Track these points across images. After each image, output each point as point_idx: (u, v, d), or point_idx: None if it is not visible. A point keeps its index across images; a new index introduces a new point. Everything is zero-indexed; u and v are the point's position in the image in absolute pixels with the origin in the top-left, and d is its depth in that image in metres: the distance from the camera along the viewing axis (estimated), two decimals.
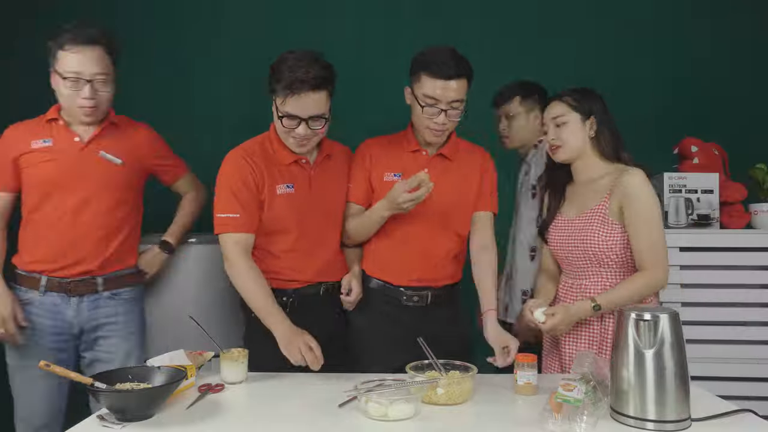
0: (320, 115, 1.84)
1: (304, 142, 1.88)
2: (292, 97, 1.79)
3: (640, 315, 1.39)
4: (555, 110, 1.93)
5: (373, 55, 2.95)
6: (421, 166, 2.00)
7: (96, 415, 1.43)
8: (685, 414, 1.37)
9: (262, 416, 1.49)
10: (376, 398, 1.43)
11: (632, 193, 1.78)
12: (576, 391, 1.38)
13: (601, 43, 2.96)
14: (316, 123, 1.84)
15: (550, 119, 1.94)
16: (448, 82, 1.89)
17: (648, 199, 1.79)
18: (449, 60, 1.90)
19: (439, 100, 1.90)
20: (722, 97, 2.93)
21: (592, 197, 1.88)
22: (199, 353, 1.77)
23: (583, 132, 1.89)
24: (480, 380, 1.69)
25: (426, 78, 1.91)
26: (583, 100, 1.91)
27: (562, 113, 1.91)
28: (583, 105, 1.90)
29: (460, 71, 1.90)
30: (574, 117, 1.90)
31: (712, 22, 2.98)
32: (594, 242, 1.82)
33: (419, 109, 1.93)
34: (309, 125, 1.83)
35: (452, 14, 2.98)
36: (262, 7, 3.02)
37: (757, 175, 2.51)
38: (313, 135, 1.87)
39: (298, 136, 1.85)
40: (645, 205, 1.78)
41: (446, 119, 1.93)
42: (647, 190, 1.80)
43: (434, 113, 1.92)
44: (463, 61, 1.93)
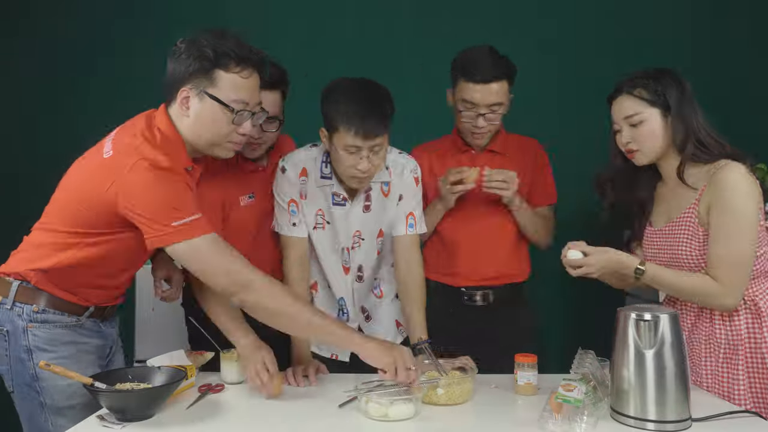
0: (273, 116, 1.76)
1: (255, 146, 1.82)
2: None
3: (640, 315, 1.39)
4: (627, 107, 1.60)
5: (372, 56, 2.94)
6: (471, 164, 2.02)
7: (96, 415, 1.43)
8: (686, 414, 1.36)
9: (262, 416, 1.49)
10: (376, 398, 1.43)
11: (722, 190, 1.49)
12: (576, 392, 1.38)
13: (600, 43, 2.96)
14: (268, 125, 1.76)
15: (622, 118, 1.62)
16: (486, 86, 1.86)
17: (740, 201, 1.48)
18: (486, 62, 1.86)
19: (477, 104, 1.89)
20: (722, 97, 2.93)
21: (684, 198, 1.60)
22: (199, 353, 1.77)
23: (665, 130, 1.58)
24: (480, 380, 1.69)
25: (463, 82, 1.90)
26: (660, 89, 1.56)
27: (635, 111, 1.58)
28: (661, 96, 1.56)
29: (498, 74, 1.87)
30: (652, 113, 1.58)
31: (712, 22, 2.98)
32: (684, 257, 1.58)
33: (459, 112, 1.93)
34: (254, 120, 1.66)
35: (452, 14, 2.98)
36: (262, 10, 3.02)
37: (757, 175, 2.51)
38: (263, 136, 1.80)
39: (245, 138, 1.69)
40: (733, 207, 1.48)
41: (485, 122, 1.92)
42: (743, 189, 1.49)
43: (473, 117, 1.92)
44: (502, 61, 1.89)
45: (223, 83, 1.51)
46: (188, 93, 1.52)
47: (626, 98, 1.60)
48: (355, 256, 1.92)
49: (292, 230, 1.86)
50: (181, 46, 1.54)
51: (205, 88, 1.51)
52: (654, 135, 1.58)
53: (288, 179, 1.84)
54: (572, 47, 2.94)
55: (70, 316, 1.58)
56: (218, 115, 1.53)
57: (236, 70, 1.52)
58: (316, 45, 2.99)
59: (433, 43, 2.96)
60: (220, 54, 1.50)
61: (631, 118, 1.59)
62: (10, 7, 2.98)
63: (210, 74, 1.51)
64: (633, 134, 1.60)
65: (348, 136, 1.66)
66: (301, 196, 1.86)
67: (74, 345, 1.57)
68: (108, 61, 2.97)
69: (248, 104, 1.55)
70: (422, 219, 1.95)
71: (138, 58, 2.97)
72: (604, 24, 2.98)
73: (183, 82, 1.52)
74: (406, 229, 1.90)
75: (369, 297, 2.00)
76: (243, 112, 1.54)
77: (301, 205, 1.86)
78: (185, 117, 1.54)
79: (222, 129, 1.54)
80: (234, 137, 1.57)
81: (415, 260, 1.90)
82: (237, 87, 1.52)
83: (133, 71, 2.94)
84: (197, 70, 1.51)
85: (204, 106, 1.52)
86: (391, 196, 1.90)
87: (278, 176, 1.86)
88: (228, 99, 1.52)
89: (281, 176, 1.85)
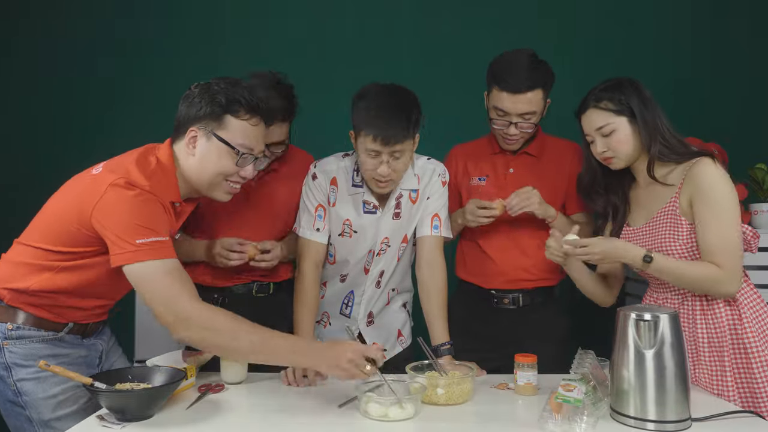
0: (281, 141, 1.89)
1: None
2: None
3: (640, 315, 1.39)
4: (596, 119, 1.70)
5: (373, 56, 2.95)
6: (505, 166, 2.02)
7: (96, 415, 1.43)
8: (685, 414, 1.36)
9: (262, 416, 1.49)
10: (376, 398, 1.43)
11: (702, 183, 1.58)
12: (576, 392, 1.38)
13: (600, 43, 2.96)
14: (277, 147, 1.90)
15: (594, 130, 1.71)
16: (518, 96, 1.85)
17: (722, 191, 1.57)
18: (521, 71, 1.84)
19: (509, 113, 1.88)
20: (722, 97, 2.94)
21: (660, 197, 1.69)
22: (199, 353, 1.76)
23: (634, 134, 1.67)
24: (480, 380, 1.70)
25: (496, 91, 1.88)
26: (623, 98, 1.67)
27: (605, 122, 1.68)
28: (626, 105, 1.67)
29: (532, 83, 1.85)
30: (620, 122, 1.67)
31: (712, 23, 2.98)
32: (671, 247, 1.63)
33: (491, 119, 1.94)
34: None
35: (452, 14, 2.98)
36: (263, 10, 3.02)
37: (757, 175, 2.51)
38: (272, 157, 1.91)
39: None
40: (716, 198, 1.56)
41: (517, 130, 1.91)
42: (722, 180, 1.58)
43: (504, 125, 1.91)
44: (539, 70, 1.87)
45: (232, 128, 1.57)
46: (197, 133, 1.56)
47: (594, 111, 1.70)
48: (380, 261, 1.94)
49: (315, 235, 1.88)
50: (195, 90, 1.58)
51: (214, 130, 1.56)
52: (626, 141, 1.68)
53: (319, 186, 1.89)
54: (572, 47, 2.94)
55: (47, 331, 1.56)
56: (224, 155, 1.57)
57: (245, 117, 1.58)
58: (316, 47, 3.00)
59: (434, 43, 2.97)
60: (232, 101, 1.56)
61: (602, 128, 1.68)
62: (10, 7, 2.98)
63: (220, 119, 1.56)
64: (607, 143, 1.69)
65: (368, 141, 1.70)
66: (329, 204, 1.89)
67: (53, 358, 1.53)
68: (108, 61, 2.97)
69: (253, 150, 1.61)
70: (448, 223, 1.96)
71: (138, 59, 2.98)
72: (604, 24, 2.98)
73: (193, 123, 1.57)
74: (431, 230, 1.91)
75: (378, 303, 2.00)
76: (247, 156, 1.59)
77: (328, 211, 1.89)
78: (191, 156, 1.58)
79: (225, 168, 1.58)
80: (234, 179, 1.62)
81: (438, 263, 1.90)
82: (245, 134, 1.58)
83: (133, 71, 2.95)
84: (208, 114, 1.56)
85: (210, 147, 1.57)
86: (419, 203, 1.92)
87: (308, 181, 1.91)
88: (235, 143, 1.57)
89: (311, 182, 1.90)
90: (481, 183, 2.04)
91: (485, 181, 2.05)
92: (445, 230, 1.94)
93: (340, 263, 1.95)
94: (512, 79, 1.84)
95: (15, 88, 2.98)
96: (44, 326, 1.56)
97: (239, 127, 1.57)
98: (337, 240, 1.92)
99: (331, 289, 2.00)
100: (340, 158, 1.92)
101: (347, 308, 1.98)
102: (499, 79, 1.86)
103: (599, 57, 2.91)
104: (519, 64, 1.85)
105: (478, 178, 2.06)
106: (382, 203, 1.89)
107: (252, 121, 1.59)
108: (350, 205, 1.89)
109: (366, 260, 1.94)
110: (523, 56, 1.88)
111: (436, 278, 1.89)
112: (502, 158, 2.06)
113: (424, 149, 1.93)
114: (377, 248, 1.92)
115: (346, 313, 1.98)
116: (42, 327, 1.56)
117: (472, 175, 2.07)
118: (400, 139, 1.70)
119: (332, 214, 1.90)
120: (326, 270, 1.99)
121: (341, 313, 1.99)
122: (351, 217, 1.89)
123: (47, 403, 1.53)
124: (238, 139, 1.57)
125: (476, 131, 2.18)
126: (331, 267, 1.97)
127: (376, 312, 2.01)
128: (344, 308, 1.98)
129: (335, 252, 1.94)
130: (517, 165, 2.03)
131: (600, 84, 1.73)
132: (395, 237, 1.93)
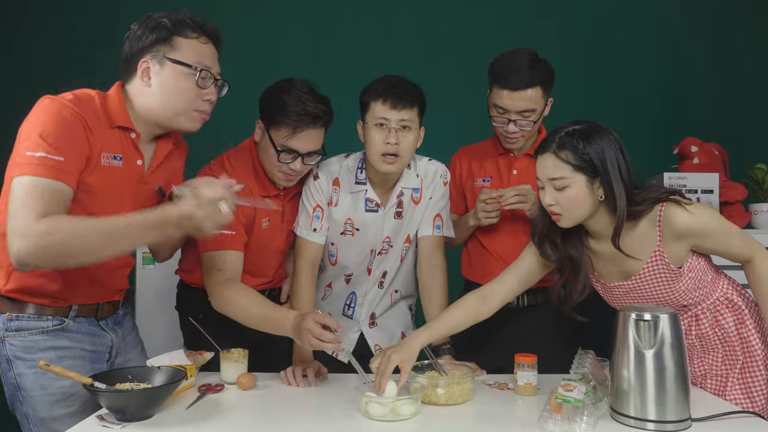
0: (317, 150, 1.79)
1: (293, 177, 1.81)
2: (300, 132, 1.71)
3: (640, 315, 1.39)
4: (550, 170, 1.50)
5: (373, 56, 2.95)
6: (509, 167, 2.03)
7: (96, 415, 1.43)
8: (685, 414, 1.36)
9: (262, 416, 1.49)
10: (376, 398, 1.43)
11: (694, 229, 1.48)
12: (576, 392, 1.37)
13: (600, 43, 2.96)
14: (311, 158, 1.79)
15: (546, 179, 1.52)
16: (516, 93, 1.85)
17: (711, 219, 1.51)
18: (520, 69, 1.85)
19: (508, 110, 1.89)
20: (722, 97, 2.94)
21: (633, 258, 1.53)
22: (199, 353, 1.77)
23: (591, 196, 1.49)
24: (480, 380, 1.69)
25: (496, 88, 1.90)
26: (586, 151, 1.46)
27: (561, 175, 1.48)
28: (588, 162, 1.46)
29: (531, 80, 1.85)
30: (577, 179, 1.48)
31: (712, 23, 2.98)
32: (674, 296, 1.57)
33: (491, 117, 1.94)
34: (304, 160, 1.77)
35: (452, 14, 2.98)
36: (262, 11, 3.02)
37: (757, 175, 2.51)
38: (304, 170, 1.81)
39: (291, 172, 1.78)
40: (714, 226, 1.51)
41: (516, 128, 1.91)
42: (701, 215, 1.49)
43: (504, 122, 1.92)
44: (538, 68, 1.87)
45: (183, 48, 1.50)
46: (149, 63, 1.50)
47: (551, 158, 1.50)
48: (382, 261, 1.95)
49: (311, 235, 1.88)
50: (134, 27, 1.53)
51: (165, 54, 1.49)
52: (577, 200, 1.49)
53: (319, 186, 1.88)
54: (572, 47, 2.94)
55: (51, 319, 1.51)
56: (182, 79, 1.50)
57: (194, 36, 1.52)
58: (316, 46, 3.00)
59: (434, 44, 2.97)
60: (178, 22, 1.50)
61: (555, 181, 1.49)
62: (10, 7, 2.98)
63: (170, 41, 1.50)
64: (556, 197, 1.51)
65: (377, 106, 1.75)
66: (330, 204, 1.89)
67: (54, 351, 1.49)
68: (108, 61, 2.96)
69: (210, 69, 1.54)
70: (449, 223, 1.98)
71: None
72: (604, 24, 2.98)
73: (142, 54, 1.50)
74: (432, 230, 1.93)
75: (381, 304, 2.01)
76: (206, 73, 1.52)
77: (328, 212, 1.89)
78: (147, 89, 1.51)
79: (187, 93, 1.51)
80: (199, 105, 1.54)
81: (439, 264, 1.92)
82: (198, 52, 1.52)
83: None
84: (155, 41, 1.49)
85: (166, 73, 1.50)
86: (421, 204, 1.94)
87: (309, 182, 1.90)
88: (191, 61, 1.51)
89: (312, 182, 1.89)
90: (485, 184, 2.06)
91: (489, 182, 2.06)
92: (447, 230, 1.96)
93: (343, 263, 1.96)
94: (511, 76, 1.85)
95: (15, 88, 2.98)
96: (45, 313, 1.50)
97: (190, 46, 1.51)
98: (340, 239, 1.92)
99: (336, 290, 2.01)
100: (343, 159, 1.93)
101: (350, 309, 1.99)
102: (499, 77, 1.88)
103: (599, 57, 2.91)
104: (518, 62, 1.87)
105: (482, 179, 2.07)
106: (383, 201, 1.90)
107: (202, 39, 1.53)
108: (352, 203, 1.90)
109: (368, 260, 1.94)
110: (522, 55, 1.89)
111: (437, 278, 1.91)
112: (506, 160, 2.07)
113: (425, 148, 1.94)
114: (379, 247, 1.93)
115: (349, 314, 1.99)
116: (44, 315, 1.50)
117: (476, 177, 2.08)
118: (408, 104, 1.74)
119: (334, 214, 1.90)
120: (330, 271, 1.99)
121: (344, 314, 1.99)
122: (352, 216, 1.90)
123: (43, 402, 1.50)
124: (192, 57, 1.50)
125: (477, 131, 2.18)
126: (334, 268, 1.98)
127: (379, 313, 2.01)
128: (347, 309, 1.99)
129: (337, 252, 1.95)
130: (520, 166, 2.03)
131: (568, 125, 1.52)
132: (397, 237, 1.94)
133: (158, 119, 1.54)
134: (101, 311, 1.61)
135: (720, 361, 1.63)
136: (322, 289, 2.03)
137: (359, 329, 1.98)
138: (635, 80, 2.94)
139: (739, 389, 1.60)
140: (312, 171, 1.89)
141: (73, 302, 1.54)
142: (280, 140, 1.73)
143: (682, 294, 1.58)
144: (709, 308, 1.63)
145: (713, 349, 1.64)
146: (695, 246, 1.53)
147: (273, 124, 1.73)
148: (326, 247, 1.94)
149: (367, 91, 1.80)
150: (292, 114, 1.69)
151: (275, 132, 1.73)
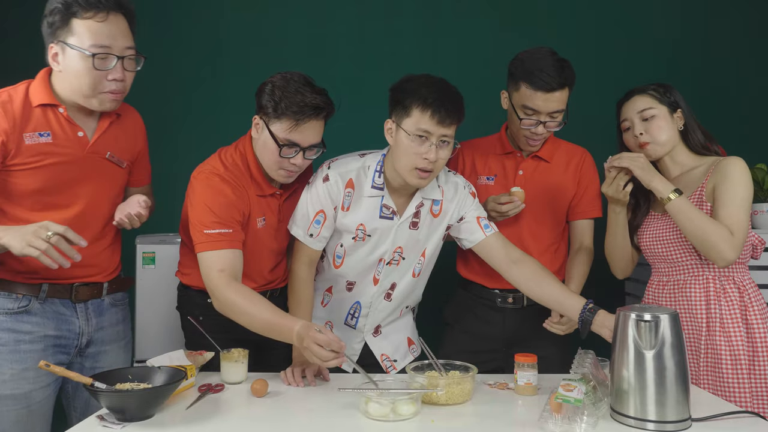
0: (317, 144, 1.75)
1: (293, 173, 1.77)
2: (303, 124, 1.67)
3: (640, 315, 1.39)
4: (640, 103, 1.85)
5: (373, 56, 2.95)
6: (515, 167, 2.00)
7: (96, 415, 1.43)
8: (685, 414, 1.36)
9: (262, 416, 1.48)
10: (376, 398, 1.43)
11: (728, 173, 1.73)
12: (576, 392, 1.37)
13: (600, 43, 2.96)
14: (312, 152, 1.75)
15: (635, 114, 1.85)
16: (551, 94, 1.83)
17: (742, 182, 1.72)
18: (552, 70, 1.81)
19: (540, 111, 1.86)
20: (722, 96, 2.93)
21: (689, 185, 1.80)
22: (199, 353, 1.77)
23: (672, 125, 1.83)
24: (480, 380, 1.69)
25: (526, 89, 1.84)
26: (667, 92, 1.84)
27: (649, 106, 1.83)
28: (669, 97, 1.84)
29: (563, 81, 1.83)
30: (661, 110, 1.83)
31: (712, 23, 2.98)
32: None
33: (517, 118, 1.89)
34: (305, 155, 1.74)
35: (453, 15, 2.98)
36: (262, 11, 3.02)
37: (757, 175, 2.51)
38: (304, 165, 1.77)
39: (292, 167, 1.74)
40: (738, 185, 1.71)
41: (544, 129, 1.89)
42: (745, 175, 1.73)
43: (532, 124, 1.88)
44: (566, 68, 1.85)
45: (78, 31, 1.51)
46: (55, 48, 1.54)
47: (640, 97, 1.85)
48: (391, 272, 1.87)
49: (307, 240, 1.81)
50: (45, 11, 1.57)
51: (65, 40, 1.52)
52: (664, 128, 1.82)
53: (328, 189, 1.77)
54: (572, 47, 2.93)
55: (21, 299, 1.49)
56: (81, 63, 1.52)
57: (88, 15, 1.51)
58: (316, 48, 2.99)
59: (434, 44, 2.97)
60: (69, 3, 1.51)
61: (644, 112, 1.82)
62: (10, 7, 2.98)
63: (67, 26, 1.52)
64: (645, 127, 1.82)
65: (423, 119, 1.63)
66: (342, 208, 1.79)
67: (12, 333, 1.47)
68: None
69: (111, 48, 1.53)
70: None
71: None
72: (605, 24, 2.98)
73: (49, 39, 1.55)
74: (483, 232, 1.83)
75: (389, 318, 1.96)
76: (105, 56, 1.52)
77: (334, 218, 1.80)
78: (60, 74, 1.56)
79: (87, 77, 1.52)
80: (106, 85, 1.55)
81: (518, 255, 1.81)
82: (93, 32, 1.52)
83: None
84: (55, 25, 1.52)
85: (68, 57, 1.53)
86: (441, 218, 1.85)
87: (316, 183, 1.79)
88: (85, 45, 1.51)
89: (321, 184, 1.78)
90: (490, 183, 2.02)
91: (494, 180, 2.03)
92: (493, 225, 1.87)
93: (348, 268, 1.87)
94: (545, 77, 1.81)
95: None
96: (16, 291, 1.49)
97: (84, 28, 1.51)
98: (350, 244, 1.83)
99: (337, 297, 1.93)
100: (357, 158, 1.82)
101: (353, 319, 1.92)
102: (532, 77, 1.82)
103: (599, 58, 2.91)
104: (548, 63, 1.83)
105: (487, 177, 2.03)
106: (400, 209, 1.80)
107: (97, 18, 1.51)
108: (366, 208, 1.79)
109: (376, 270, 1.86)
110: (548, 54, 1.86)
111: (532, 266, 1.80)
112: (512, 159, 2.03)
113: None
114: (389, 257, 1.84)
115: (352, 324, 1.93)
116: (13, 293, 1.49)
117: (480, 174, 2.04)
118: (455, 120, 1.66)
119: (344, 218, 1.79)
120: (328, 274, 1.92)
121: (346, 324, 1.93)
122: (365, 222, 1.79)
123: None
124: (87, 41, 1.50)
125: (477, 130, 2.18)
126: (336, 271, 1.88)
127: (384, 324, 1.97)
128: (350, 319, 1.93)
129: (344, 254, 1.86)
130: (526, 167, 2.01)
131: None
132: (411, 249, 1.85)
133: (75, 100, 1.58)
134: (77, 293, 1.58)
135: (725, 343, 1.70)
136: (321, 294, 1.95)
137: (363, 339, 1.94)
138: (635, 80, 2.93)
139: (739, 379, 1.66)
140: (320, 171, 1.82)
141: (45, 276, 1.52)
142: (282, 134, 1.70)
143: None
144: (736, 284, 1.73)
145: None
146: (716, 184, 1.73)
147: (273, 118, 1.70)
148: (333, 249, 1.86)
149: (409, 93, 1.66)
150: (293, 106, 1.66)
151: (276, 126, 1.70)
